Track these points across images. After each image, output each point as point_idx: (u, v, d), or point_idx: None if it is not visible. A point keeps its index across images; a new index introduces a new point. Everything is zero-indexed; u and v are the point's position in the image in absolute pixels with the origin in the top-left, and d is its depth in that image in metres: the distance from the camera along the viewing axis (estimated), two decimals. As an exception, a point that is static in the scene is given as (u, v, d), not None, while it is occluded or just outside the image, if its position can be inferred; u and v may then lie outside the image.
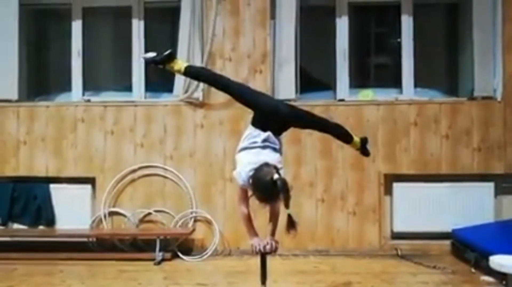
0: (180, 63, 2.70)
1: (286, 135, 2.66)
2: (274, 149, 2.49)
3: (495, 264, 2.53)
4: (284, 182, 2.25)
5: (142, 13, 4.41)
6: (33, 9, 4.60)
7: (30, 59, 4.55)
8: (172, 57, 2.65)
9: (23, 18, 4.42)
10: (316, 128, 2.83)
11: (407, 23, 4.32)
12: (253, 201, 2.40)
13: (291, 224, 2.32)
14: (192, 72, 2.77)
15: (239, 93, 2.67)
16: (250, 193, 2.42)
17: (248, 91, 2.71)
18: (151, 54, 2.69)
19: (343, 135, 2.82)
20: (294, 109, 2.64)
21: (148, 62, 2.70)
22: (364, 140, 2.89)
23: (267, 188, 2.27)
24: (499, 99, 4.07)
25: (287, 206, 2.28)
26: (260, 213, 2.52)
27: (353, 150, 2.99)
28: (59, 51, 4.63)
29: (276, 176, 2.26)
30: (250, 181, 2.35)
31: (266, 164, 2.34)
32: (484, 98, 4.08)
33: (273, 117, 2.51)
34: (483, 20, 4.06)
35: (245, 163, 2.41)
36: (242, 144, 2.53)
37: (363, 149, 2.91)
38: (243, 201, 2.49)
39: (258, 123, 2.53)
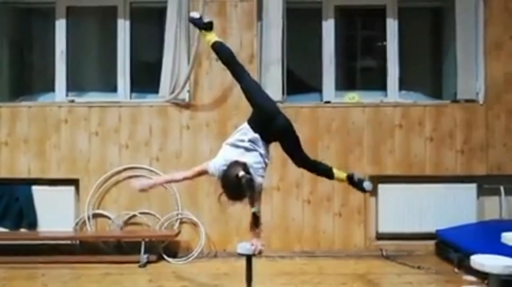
0: (211, 36, 2.87)
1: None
2: (260, 154, 2.51)
3: (476, 263, 2.57)
4: (248, 179, 2.27)
5: (128, 13, 4.37)
6: (16, 7, 4.52)
7: (12, 59, 4.47)
8: (210, 26, 2.88)
9: (5, 16, 4.35)
10: (294, 159, 2.75)
11: (392, 26, 4.37)
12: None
13: (255, 222, 2.34)
14: (217, 48, 2.86)
15: (247, 89, 2.70)
16: (217, 186, 2.43)
17: (256, 91, 2.75)
18: (196, 15, 2.96)
19: (322, 171, 2.81)
20: (288, 129, 2.63)
21: (190, 21, 2.99)
22: (351, 177, 2.73)
23: (232, 184, 2.30)
24: (481, 102, 4.15)
25: (251, 204, 2.30)
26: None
27: (339, 151, 2.98)
28: (42, 51, 4.56)
29: (241, 173, 2.27)
30: (220, 176, 2.37)
31: (236, 162, 2.37)
32: (467, 101, 4.16)
33: (266, 124, 2.55)
34: (466, 24, 4.13)
35: (224, 158, 2.43)
36: (231, 137, 2.55)
37: (355, 185, 2.75)
38: (193, 173, 2.56)
39: (253, 123, 2.56)
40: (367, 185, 2.73)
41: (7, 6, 4.36)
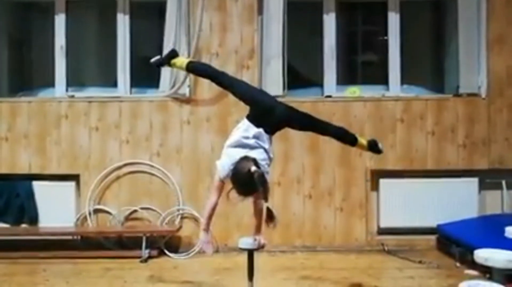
0: (182, 60, 2.85)
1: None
2: (265, 150, 2.50)
3: (480, 258, 2.56)
4: (260, 174, 2.28)
5: (127, 7, 4.34)
6: (15, 2, 4.50)
7: (11, 54, 4.46)
8: (174, 54, 2.87)
9: (4, 11, 4.33)
10: (316, 131, 2.79)
11: (393, 20, 4.34)
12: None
13: (270, 216, 2.35)
14: (193, 68, 2.85)
15: (239, 91, 2.69)
16: (229, 186, 2.42)
17: (248, 89, 2.74)
18: (157, 58, 2.95)
19: (345, 137, 2.78)
20: (291, 112, 2.64)
21: (155, 65, 2.94)
22: (372, 143, 2.86)
23: (244, 180, 2.30)
24: (483, 96, 4.13)
25: (265, 198, 2.30)
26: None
27: (339, 145, 2.98)
28: (42, 46, 4.54)
29: (253, 168, 2.27)
30: (230, 174, 2.37)
31: (245, 157, 2.36)
32: (469, 95, 4.14)
33: (267, 117, 2.53)
34: (468, 18, 4.11)
35: (230, 158, 2.42)
36: (234, 137, 2.53)
37: (374, 150, 2.89)
38: (217, 191, 2.53)
39: (253, 118, 2.54)
40: (381, 145, 2.94)
41: (7, 1, 4.33)
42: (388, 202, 4.09)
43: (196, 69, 2.88)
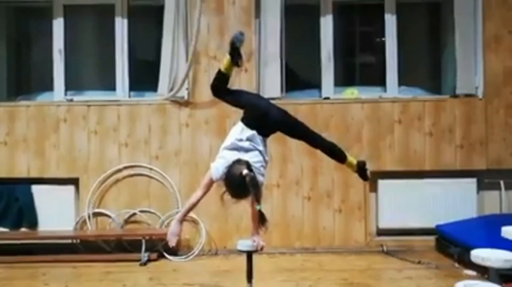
0: (230, 66, 2.57)
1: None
2: (260, 152, 2.51)
3: (477, 257, 2.57)
4: (252, 177, 2.28)
5: (125, 11, 4.36)
6: (14, 6, 4.51)
7: (10, 58, 4.47)
8: (238, 62, 2.55)
9: (3, 15, 4.34)
10: (307, 141, 2.73)
11: (390, 22, 4.36)
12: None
13: (261, 219, 2.35)
14: (224, 77, 2.61)
15: (239, 103, 2.68)
16: (223, 188, 2.43)
17: (245, 97, 2.72)
18: (242, 37, 2.57)
19: (334, 152, 2.72)
20: (286, 117, 2.63)
21: (236, 37, 2.58)
22: (361, 164, 2.74)
23: (237, 183, 2.32)
24: (480, 96, 4.15)
25: (258, 201, 2.31)
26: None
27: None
28: (40, 50, 4.55)
29: (245, 171, 2.28)
30: (223, 176, 2.38)
31: (238, 160, 2.38)
32: (466, 96, 4.15)
33: (261, 120, 2.53)
34: (465, 19, 4.13)
35: (226, 161, 2.43)
36: (229, 139, 2.54)
37: (361, 172, 2.76)
38: (205, 188, 2.52)
39: (247, 120, 2.55)
40: (369, 171, 2.80)
41: (5, 6, 4.34)
42: (387, 203, 4.10)
43: (224, 81, 2.60)
